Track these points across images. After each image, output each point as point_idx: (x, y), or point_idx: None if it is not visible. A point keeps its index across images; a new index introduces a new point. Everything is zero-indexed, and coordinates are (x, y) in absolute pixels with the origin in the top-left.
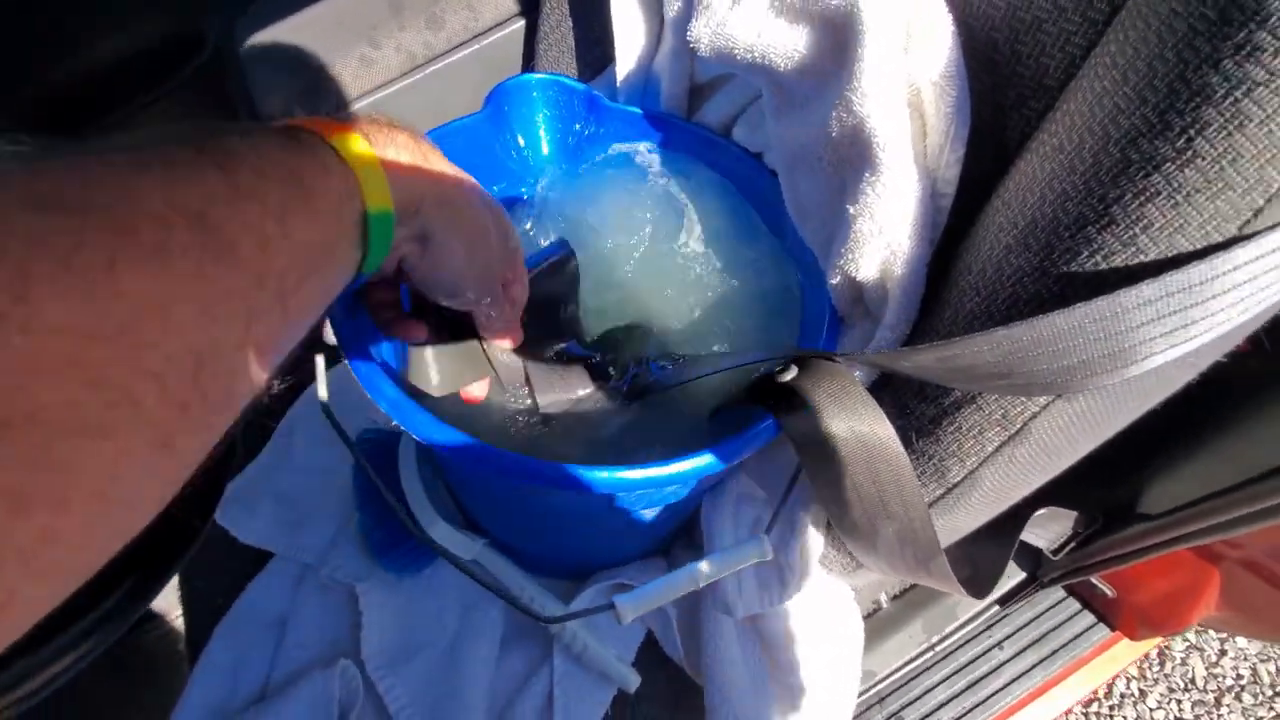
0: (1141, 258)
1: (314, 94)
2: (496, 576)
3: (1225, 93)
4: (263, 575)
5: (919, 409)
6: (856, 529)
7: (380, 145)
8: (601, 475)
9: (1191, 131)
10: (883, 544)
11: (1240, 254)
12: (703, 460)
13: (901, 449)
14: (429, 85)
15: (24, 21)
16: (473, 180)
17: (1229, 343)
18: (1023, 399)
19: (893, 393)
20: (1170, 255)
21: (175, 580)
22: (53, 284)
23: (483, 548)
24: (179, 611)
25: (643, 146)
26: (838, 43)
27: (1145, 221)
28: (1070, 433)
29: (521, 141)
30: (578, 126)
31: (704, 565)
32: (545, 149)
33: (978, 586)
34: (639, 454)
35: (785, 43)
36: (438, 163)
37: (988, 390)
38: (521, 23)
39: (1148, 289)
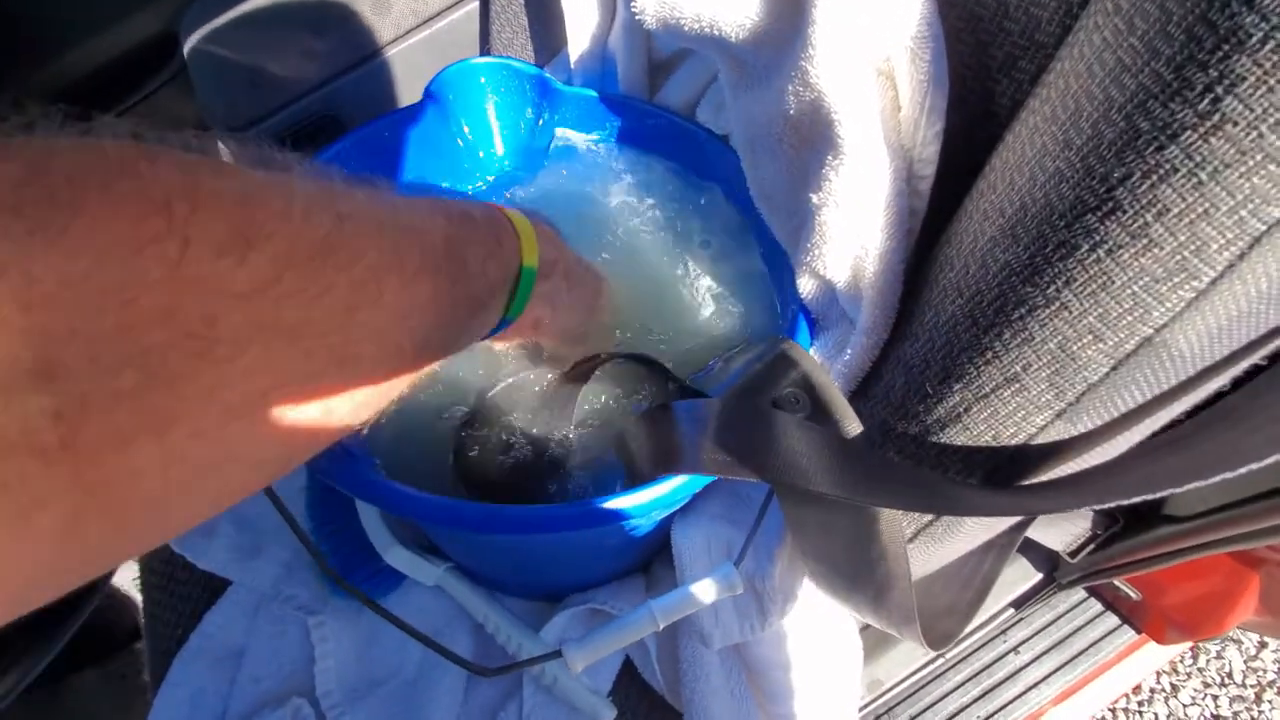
0: (1156, 250)
1: (257, 89)
2: (460, 603)
3: (1264, 36)
4: (220, 604)
5: (899, 427)
6: (825, 576)
7: (535, 227)
8: (538, 515)
9: (1219, 89)
10: (859, 599)
11: None
12: (647, 496)
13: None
14: (378, 75)
15: None
16: (591, 265)
17: None
18: (1018, 419)
19: (871, 408)
20: (1194, 246)
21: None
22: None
23: (445, 573)
24: None
25: (596, 141)
26: (790, 7)
27: (1160, 206)
28: None
29: (468, 131)
30: (529, 113)
31: (664, 605)
32: (496, 138)
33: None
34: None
35: (736, 9)
36: (562, 243)
37: None
38: (474, 4)
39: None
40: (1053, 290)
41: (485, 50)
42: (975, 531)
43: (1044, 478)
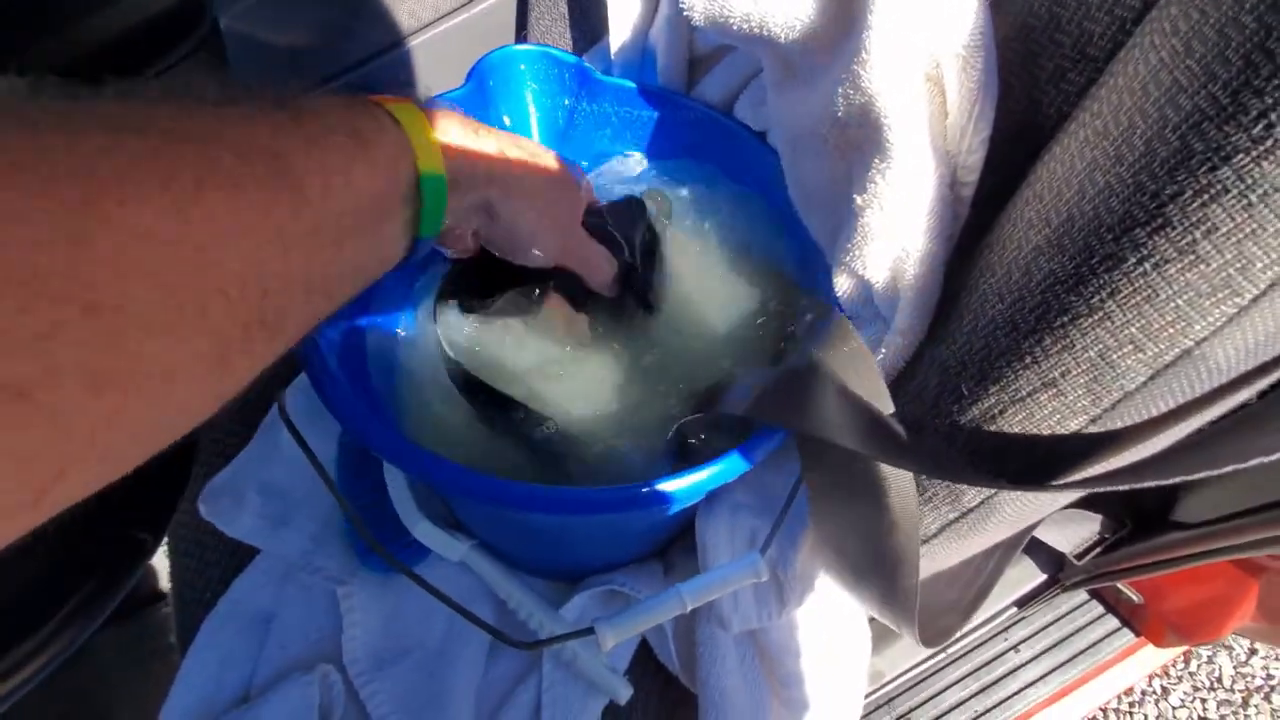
0: (1202, 266)
1: (292, 68)
2: (484, 579)
3: None
4: (249, 571)
5: (932, 424)
6: (839, 567)
7: (435, 122)
8: (579, 498)
9: (1273, 115)
10: (868, 590)
11: None
12: (690, 481)
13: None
14: (415, 58)
15: None
16: (537, 155)
17: None
18: (1052, 423)
19: (903, 404)
20: (1239, 264)
21: (168, 570)
22: (147, 199)
23: (469, 549)
24: None
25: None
26: (845, 9)
27: (1209, 225)
28: None
29: (507, 120)
30: (567, 102)
31: (692, 588)
32: (534, 126)
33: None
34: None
35: (786, 10)
36: (493, 140)
37: None
38: None
39: None
40: (1097, 300)
41: (522, 37)
42: (1000, 527)
43: (1073, 478)
